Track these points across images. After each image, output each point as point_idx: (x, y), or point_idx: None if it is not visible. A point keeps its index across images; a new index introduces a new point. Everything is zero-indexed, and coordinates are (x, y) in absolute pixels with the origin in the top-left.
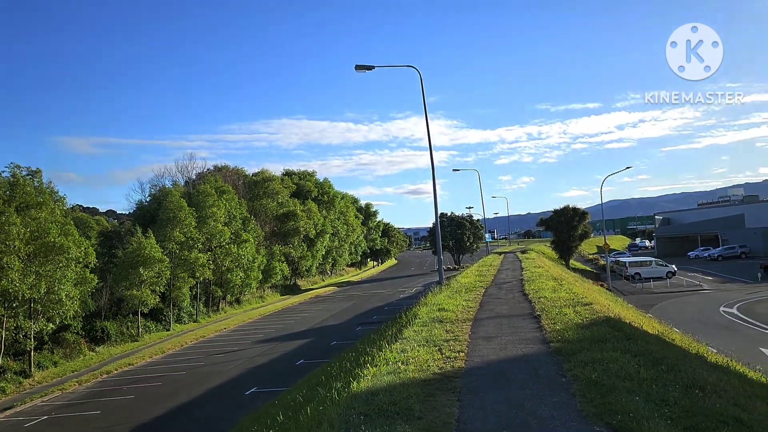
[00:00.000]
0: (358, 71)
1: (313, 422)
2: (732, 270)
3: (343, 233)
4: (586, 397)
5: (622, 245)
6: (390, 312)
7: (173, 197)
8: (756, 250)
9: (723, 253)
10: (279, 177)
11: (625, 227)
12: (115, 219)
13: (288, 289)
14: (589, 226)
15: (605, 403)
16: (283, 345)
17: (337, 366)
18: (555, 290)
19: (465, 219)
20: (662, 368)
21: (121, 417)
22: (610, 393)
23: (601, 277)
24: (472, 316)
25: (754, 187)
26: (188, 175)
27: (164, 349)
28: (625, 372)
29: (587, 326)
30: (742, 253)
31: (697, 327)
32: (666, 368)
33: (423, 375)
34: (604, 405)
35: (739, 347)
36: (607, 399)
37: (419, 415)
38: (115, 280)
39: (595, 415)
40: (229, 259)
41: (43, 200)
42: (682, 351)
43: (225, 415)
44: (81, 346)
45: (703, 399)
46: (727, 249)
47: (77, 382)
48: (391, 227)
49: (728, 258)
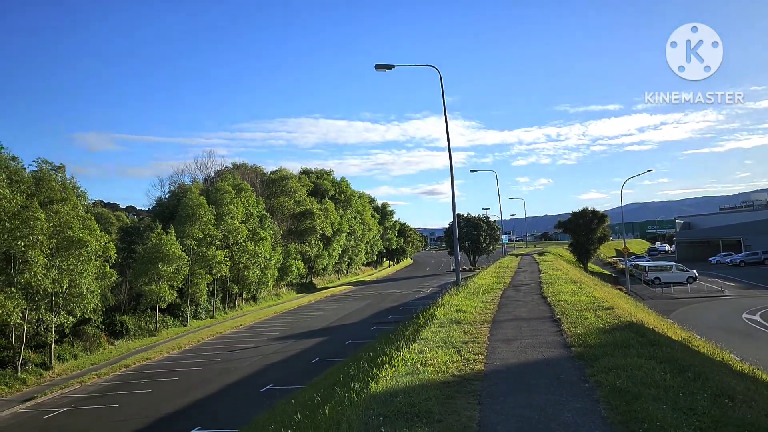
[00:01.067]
0: (378, 70)
1: (332, 422)
2: (755, 276)
3: (360, 232)
4: (611, 404)
5: (641, 249)
6: (405, 312)
7: (192, 194)
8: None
9: (746, 258)
10: (296, 175)
11: (644, 231)
12: (135, 215)
13: (304, 288)
14: (608, 229)
15: (631, 410)
16: (299, 343)
17: (354, 366)
18: (575, 293)
19: (481, 220)
20: (689, 376)
21: (138, 410)
22: (635, 400)
23: (619, 281)
24: (490, 317)
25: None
26: (207, 173)
27: (181, 345)
28: (651, 379)
29: (609, 331)
30: (766, 260)
31: (718, 334)
32: (693, 376)
33: (442, 377)
34: (629, 413)
35: (764, 356)
36: (633, 407)
37: (439, 418)
38: (135, 275)
39: (620, 422)
40: (246, 257)
41: (66, 195)
42: (708, 358)
43: (240, 412)
44: (101, 340)
45: (733, 409)
46: (750, 255)
47: (96, 375)
48: (407, 227)
49: (751, 264)
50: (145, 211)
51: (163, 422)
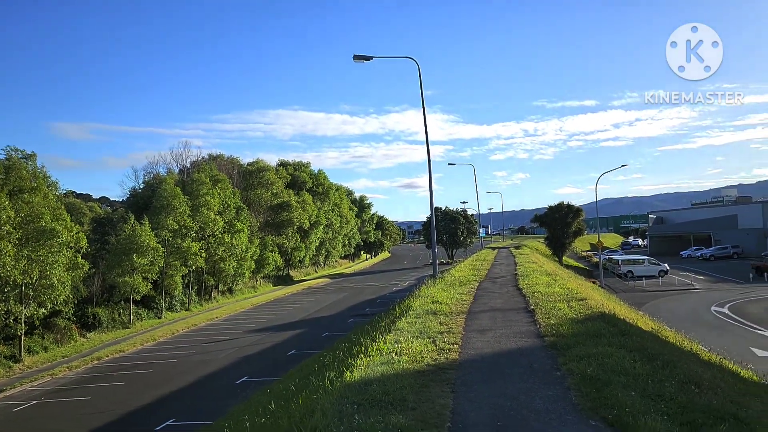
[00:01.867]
0: (356, 61)
1: (306, 411)
2: (724, 270)
3: (337, 225)
4: (582, 391)
5: (615, 243)
6: (383, 305)
7: (167, 185)
8: (748, 250)
9: (715, 253)
10: (274, 167)
11: (618, 225)
12: (108, 206)
13: (281, 280)
14: (583, 224)
15: (601, 397)
16: (275, 335)
17: (329, 356)
18: (549, 285)
19: (459, 213)
20: (657, 364)
21: (111, 403)
22: (605, 387)
23: (593, 275)
24: (466, 309)
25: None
26: (183, 163)
27: (155, 337)
28: (621, 367)
29: (582, 321)
30: (735, 254)
31: (688, 326)
32: (661, 364)
33: (417, 366)
34: (599, 399)
35: (730, 346)
36: (603, 393)
37: (413, 406)
38: (108, 266)
39: (591, 409)
40: (222, 249)
41: (36, 185)
42: (677, 348)
43: (215, 404)
44: (72, 332)
45: (699, 395)
46: (720, 249)
47: (67, 368)
48: (385, 220)
49: (720, 258)
50: (118, 202)
51: (136, 414)
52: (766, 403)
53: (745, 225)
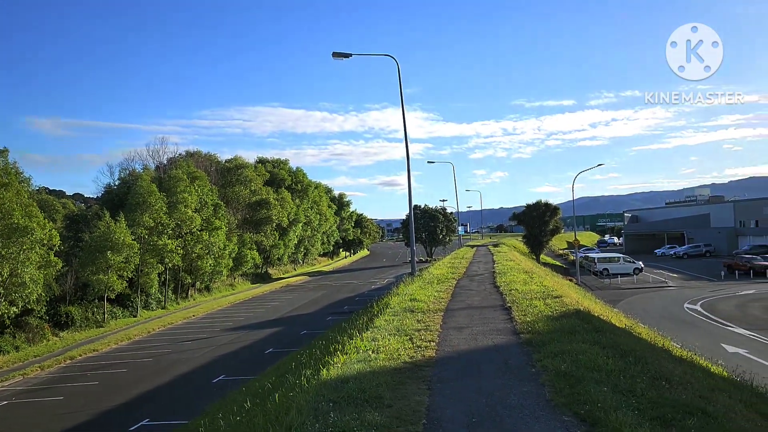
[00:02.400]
0: (336, 59)
1: (281, 409)
2: (696, 268)
3: (316, 223)
4: (555, 387)
5: (591, 241)
6: (361, 302)
7: (143, 181)
8: (720, 249)
9: (688, 251)
10: (252, 164)
11: (595, 224)
12: (83, 202)
13: (259, 278)
14: (560, 222)
15: (574, 393)
16: (253, 333)
17: (306, 354)
18: (526, 283)
19: (438, 212)
20: (630, 360)
21: (84, 403)
22: (578, 383)
23: (570, 272)
24: (443, 306)
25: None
26: (159, 160)
27: (130, 336)
28: (594, 363)
29: (557, 318)
30: (707, 252)
31: (662, 322)
32: (633, 360)
33: (393, 363)
34: (572, 395)
35: (702, 342)
36: (576, 389)
37: (389, 403)
38: (81, 264)
39: (563, 404)
40: (199, 246)
41: (8, 181)
42: (649, 344)
43: (191, 403)
44: (44, 331)
45: (670, 391)
46: (693, 247)
47: (39, 368)
48: (365, 218)
49: (693, 256)
50: (93, 198)
51: (110, 414)
52: (734, 398)
53: (717, 224)
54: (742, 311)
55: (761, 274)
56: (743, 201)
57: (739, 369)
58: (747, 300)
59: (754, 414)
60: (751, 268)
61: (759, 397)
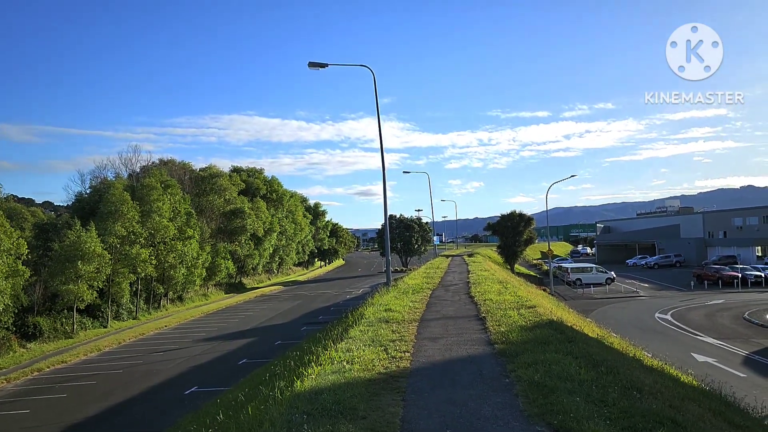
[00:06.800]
0: (311, 69)
1: (255, 421)
2: (667, 278)
3: (291, 232)
4: (529, 398)
5: (564, 251)
6: (336, 312)
7: (116, 190)
8: (690, 259)
9: (659, 261)
10: (227, 173)
11: (568, 234)
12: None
13: (233, 288)
14: (534, 232)
15: (547, 403)
16: (226, 344)
17: (280, 365)
18: (500, 293)
19: (414, 221)
20: (602, 370)
21: (52, 416)
22: (551, 393)
23: (544, 282)
24: (418, 316)
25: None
26: (132, 168)
27: (101, 347)
28: (567, 373)
29: (531, 328)
30: (677, 262)
31: (633, 332)
32: (605, 370)
33: (368, 374)
34: (545, 405)
35: (672, 352)
36: (549, 399)
37: (363, 414)
38: (50, 274)
39: (537, 415)
40: (172, 256)
41: None
42: (621, 354)
43: (163, 415)
44: (11, 343)
45: (641, 400)
46: (663, 257)
47: (5, 380)
48: (340, 227)
49: (664, 266)
50: (63, 207)
51: (79, 428)
52: (703, 406)
53: (687, 235)
54: (711, 320)
55: (729, 284)
56: (712, 212)
57: (708, 378)
58: (716, 309)
59: (722, 422)
60: (719, 278)
61: (727, 405)
